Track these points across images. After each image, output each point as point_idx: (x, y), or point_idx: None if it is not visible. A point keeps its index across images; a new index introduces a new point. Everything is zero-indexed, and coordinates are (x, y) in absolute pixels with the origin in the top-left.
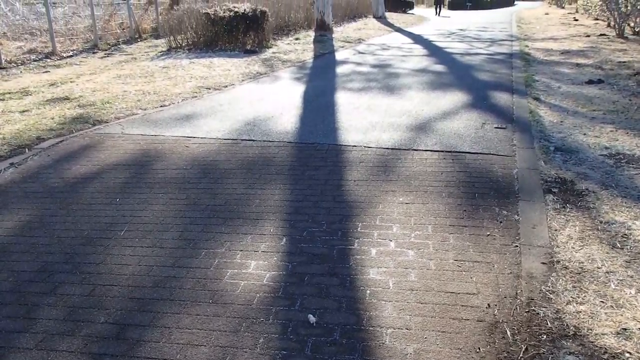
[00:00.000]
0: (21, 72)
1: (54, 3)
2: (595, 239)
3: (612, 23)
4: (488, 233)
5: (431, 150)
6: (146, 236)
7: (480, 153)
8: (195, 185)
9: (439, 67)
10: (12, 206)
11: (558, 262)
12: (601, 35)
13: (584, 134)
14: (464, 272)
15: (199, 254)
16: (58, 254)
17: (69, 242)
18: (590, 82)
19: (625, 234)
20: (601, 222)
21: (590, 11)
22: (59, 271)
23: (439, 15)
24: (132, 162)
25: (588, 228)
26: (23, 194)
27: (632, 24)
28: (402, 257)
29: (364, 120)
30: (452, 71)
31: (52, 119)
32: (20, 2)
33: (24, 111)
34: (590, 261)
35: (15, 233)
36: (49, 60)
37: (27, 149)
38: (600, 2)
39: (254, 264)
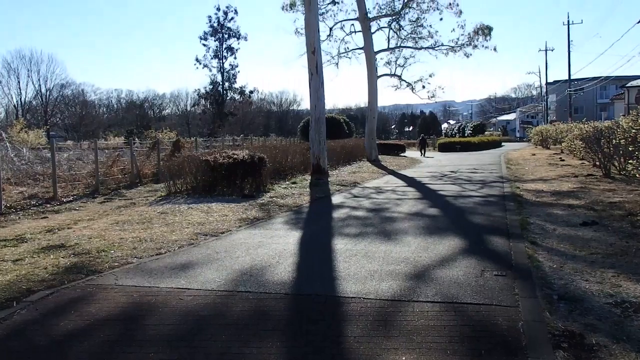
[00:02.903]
0: (19, 217)
1: (59, 148)
2: None
3: (598, 163)
4: None
5: (432, 302)
6: None
7: (482, 304)
8: (188, 343)
9: (434, 211)
10: None
11: None
12: (588, 175)
13: (586, 280)
14: None
15: None
16: None
17: None
18: (584, 224)
19: None
20: None
21: (575, 152)
22: None
23: (424, 155)
24: (123, 317)
25: None
26: (5, 353)
27: (617, 164)
28: None
29: (362, 269)
30: (446, 214)
31: (45, 268)
32: (27, 147)
33: (17, 260)
34: None
35: None
36: (48, 205)
37: (15, 302)
38: (584, 145)
39: None
